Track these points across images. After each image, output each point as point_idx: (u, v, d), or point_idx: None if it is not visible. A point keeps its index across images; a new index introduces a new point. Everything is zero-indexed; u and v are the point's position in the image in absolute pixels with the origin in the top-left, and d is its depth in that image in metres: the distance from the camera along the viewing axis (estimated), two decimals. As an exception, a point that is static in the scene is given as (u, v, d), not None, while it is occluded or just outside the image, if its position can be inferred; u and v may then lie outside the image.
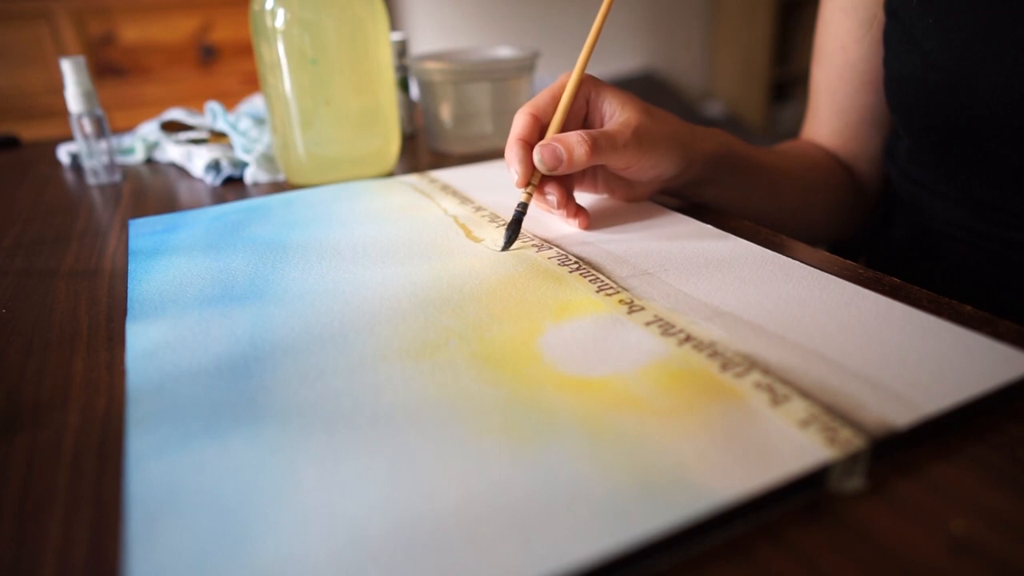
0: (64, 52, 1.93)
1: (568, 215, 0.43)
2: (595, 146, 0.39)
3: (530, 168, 0.41)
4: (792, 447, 0.23)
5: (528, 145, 0.41)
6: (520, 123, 0.42)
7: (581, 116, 0.44)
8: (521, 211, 0.41)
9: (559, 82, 0.43)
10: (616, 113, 0.43)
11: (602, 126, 0.43)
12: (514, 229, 0.40)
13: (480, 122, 0.68)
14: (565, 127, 0.42)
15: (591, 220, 0.44)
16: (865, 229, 0.60)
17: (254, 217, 0.48)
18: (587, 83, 0.43)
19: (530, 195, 0.41)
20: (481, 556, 0.19)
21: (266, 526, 0.21)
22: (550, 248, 0.40)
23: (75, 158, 0.73)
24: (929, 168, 0.49)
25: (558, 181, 0.43)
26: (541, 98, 0.42)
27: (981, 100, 0.42)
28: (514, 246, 0.41)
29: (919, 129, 0.48)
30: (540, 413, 0.25)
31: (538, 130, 0.42)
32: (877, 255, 0.59)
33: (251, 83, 2.14)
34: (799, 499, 0.22)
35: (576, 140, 0.39)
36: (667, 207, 0.47)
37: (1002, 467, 0.23)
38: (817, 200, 0.55)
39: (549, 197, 0.42)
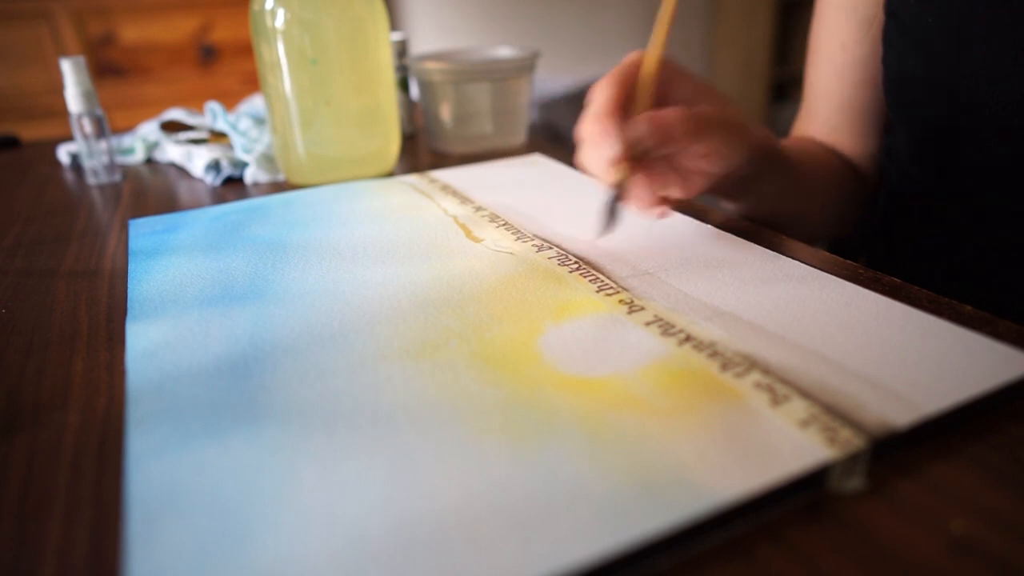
0: (64, 52, 1.93)
1: (652, 204, 0.39)
2: (696, 125, 0.36)
3: (626, 141, 0.36)
4: (792, 447, 0.23)
5: (620, 119, 0.37)
6: (608, 95, 0.38)
7: (658, 97, 0.40)
8: (618, 192, 0.37)
9: (632, 59, 0.40)
10: (694, 95, 0.40)
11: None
12: (612, 214, 0.37)
13: (480, 122, 0.68)
14: (643, 109, 0.39)
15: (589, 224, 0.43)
16: (865, 228, 0.60)
17: (254, 217, 0.48)
18: (664, 64, 0.40)
19: (626, 174, 0.37)
20: (481, 556, 0.19)
21: (266, 526, 0.21)
22: (550, 248, 0.40)
23: (75, 158, 0.73)
24: (929, 167, 0.49)
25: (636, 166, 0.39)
26: (620, 71, 0.39)
27: (981, 100, 0.42)
28: (513, 246, 0.41)
29: (918, 129, 0.48)
30: (540, 413, 0.25)
31: (626, 104, 0.38)
32: (877, 255, 0.59)
33: (251, 83, 2.14)
34: (799, 499, 0.22)
35: (677, 116, 0.36)
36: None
37: (1002, 467, 0.23)
38: (831, 196, 0.54)
39: (637, 187, 0.39)
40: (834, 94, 0.55)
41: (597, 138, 0.37)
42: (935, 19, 0.43)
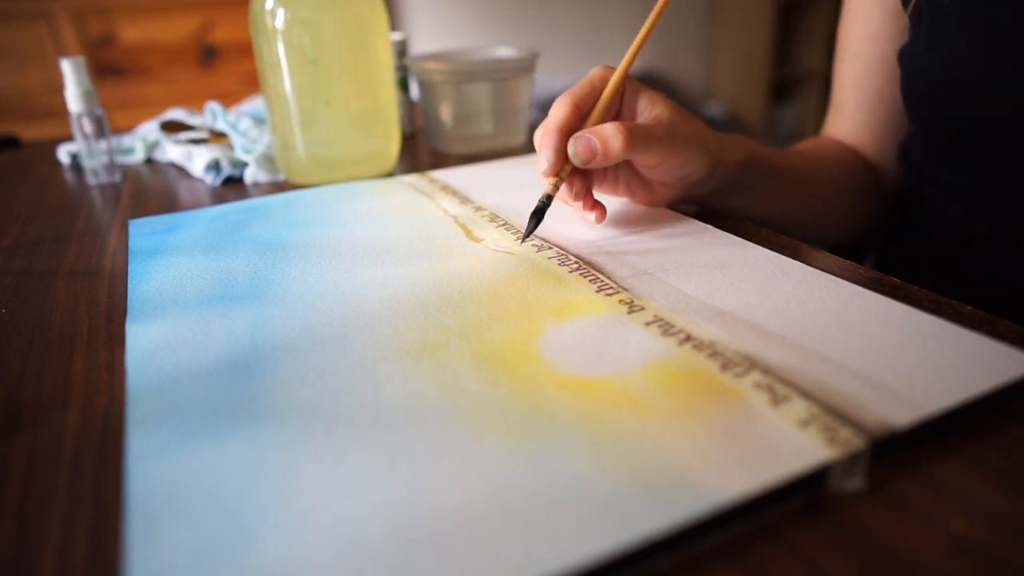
0: (64, 52, 1.93)
1: (585, 208, 0.42)
2: (631, 139, 0.38)
3: (562, 158, 0.40)
4: (792, 447, 0.23)
5: (565, 134, 0.40)
6: (561, 112, 0.41)
7: (613, 112, 0.43)
8: (545, 202, 0.40)
9: (598, 74, 0.42)
10: (647, 109, 0.42)
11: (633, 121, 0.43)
12: (537, 219, 0.40)
13: (480, 122, 0.68)
14: (594, 122, 0.42)
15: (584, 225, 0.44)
16: (879, 230, 0.60)
17: (254, 217, 0.48)
18: (627, 81, 0.42)
19: (556, 187, 0.41)
20: (481, 556, 0.19)
21: (266, 526, 0.21)
22: (550, 248, 0.40)
23: (75, 158, 0.73)
24: (944, 168, 0.48)
25: (582, 174, 0.42)
26: (581, 88, 0.41)
27: (1002, 99, 0.42)
28: (513, 246, 0.41)
29: (933, 129, 0.47)
30: (540, 413, 0.25)
31: (578, 120, 0.41)
32: (884, 254, 0.58)
33: (251, 83, 2.14)
34: (799, 499, 0.22)
35: (611, 132, 0.38)
36: (667, 207, 0.47)
37: (1002, 467, 0.23)
38: (840, 203, 0.54)
39: (576, 191, 0.41)
40: (863, 90, 0.54)
41: (539, 149, 0.41)
42: (959, 18, 0.43)
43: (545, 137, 0.40)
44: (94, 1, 1.95)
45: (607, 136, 0.38)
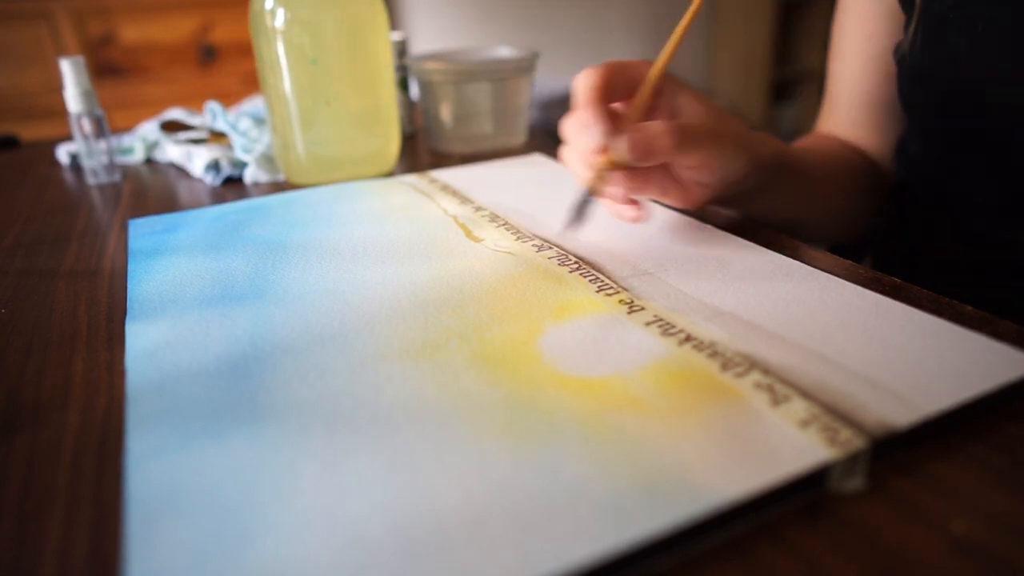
0: (64, 52, 1.93)
1: (626, 210, 0.41)
2: (681, 138, 0.36)
3: (611, 128, 0.37)
4: (792, 447, 0.23)
5: (604, 105, 0.37)
6: (589, 83, 0.37)
7: (648, 106, 0.41)
8: (590, 193, 0.37)
9: (630, 62, 0.40)
10: (687, 107, 0.41)
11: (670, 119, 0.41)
12: (582, 210, 0.37)
13: (480, 122, 0.68)
14: (636, 117, 0.40)
15: (592, 223, 0.43)
16: (877, 227, 0.60)
17: (254, 217, 0.48)
18: (665, 75, 0.41)
19: (601, 177, 0.37)
20: (481, 556, 0.19)
21: (266, 526, 0.21)
22: (550, 248, 0.40)
23: (75, 158, 0.73)
24: (941, 167, 0.48)
25: (625, 172, 0.39)
26: (604, 65, 0.39)
27: (1001, 98, 0.41)
28: (513, 246, 0.41)
29: (931, 128, 0.47)
30: (540, 413, 0.25)
31: (607, 91, 0.38)
32: (881, 254, 0.58)
33: (251, 83, 2.14)
34: (799, 499, 0.22)
35: (660, 130, 0.36)
36: (667, 207, 0.47)
37: (1002, 467, 0.23)
38: (840, 200, 0.53)
39: (613, 189, 0.39)
40: (859, 86, 0.54)
41: (585, 123, 0.37)
42: (957, 16, 0.43)
43: (582, 115, 0.37)
44: (94, 1, 1.95)
45: (655, 134, 0.36)
